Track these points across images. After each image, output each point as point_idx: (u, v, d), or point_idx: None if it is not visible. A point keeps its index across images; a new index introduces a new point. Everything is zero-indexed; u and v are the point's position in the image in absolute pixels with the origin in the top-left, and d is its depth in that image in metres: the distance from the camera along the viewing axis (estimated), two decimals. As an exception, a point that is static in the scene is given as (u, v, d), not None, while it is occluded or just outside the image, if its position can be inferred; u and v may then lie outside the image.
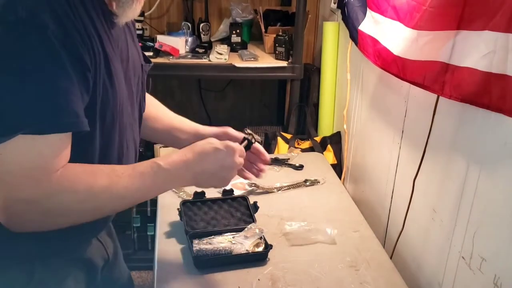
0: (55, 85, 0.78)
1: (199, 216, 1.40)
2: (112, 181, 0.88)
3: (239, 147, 1.05)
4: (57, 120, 0.78)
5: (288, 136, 2.25)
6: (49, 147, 0.79)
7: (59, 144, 0.81)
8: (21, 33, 0.75)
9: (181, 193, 1.57)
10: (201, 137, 1.13)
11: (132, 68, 1.02)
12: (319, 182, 1.69)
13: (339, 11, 2.04)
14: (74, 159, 0.86)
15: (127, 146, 1.01)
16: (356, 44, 1.70)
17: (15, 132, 0.76)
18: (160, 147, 2.30)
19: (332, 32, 2.18)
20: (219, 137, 1.10)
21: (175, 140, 1.23)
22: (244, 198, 1.48)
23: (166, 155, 0.97)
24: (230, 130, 1.17)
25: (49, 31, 0.76)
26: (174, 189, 1.59)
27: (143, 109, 1.13)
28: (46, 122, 0.77)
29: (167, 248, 1.32)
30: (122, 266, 1.29)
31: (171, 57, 2.25)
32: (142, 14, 2.41)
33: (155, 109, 1.24)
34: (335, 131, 2.25)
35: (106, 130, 0.92)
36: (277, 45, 2.31)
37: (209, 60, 2.26)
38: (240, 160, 1.03)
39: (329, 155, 2.10)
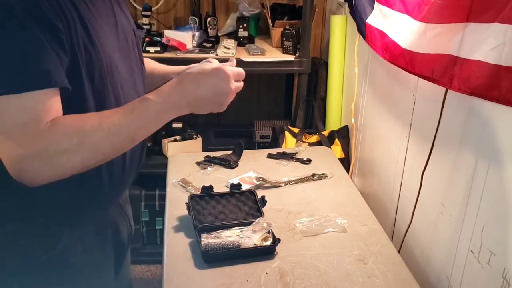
0: (24, 47, 0.83)
1: (207, 210, 1.40)
2: (101, 120, 0.90)
3: (235, 71, 1.03)
4: (29, 79, 0.84)
5: (296, 130, 2.25)
6: (36, 103, 0.85)
7: (46, 99, 0.86)
8: None
9: (189, 188, 1.58)
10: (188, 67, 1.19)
11: (122, 34, 1.07)
12: (326, 176, 1.69)
13: (347, 4, 2.03)
14: None
15: None
16: (363, 37, 1.69)
17: None
18: (168, 142, 2.31)
19: (340, 26, 2.17)
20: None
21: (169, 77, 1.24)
22: (252, 192, 1.48)
23: (157, 89, 0.98)
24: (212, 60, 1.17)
25: None
26: (182, 184, 1.60)
27: (144, 73, 1.17)
28: (20, 83, 0.83)
29: (175, 242, 1.33)
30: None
31: (179, 51, 2.26)
32: (149, 9, 2.41)
33: (147, 64, 1.29)
34: (342, 125, 2.24)
35: (97, 91, 0.96)
36: (284, 39, 2.31)
37: (216, 55, 2.26)
38: (236, 84, 1.02)
39: (337, 149, 2.09)
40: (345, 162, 2.07)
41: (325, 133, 2.22)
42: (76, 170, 0.91)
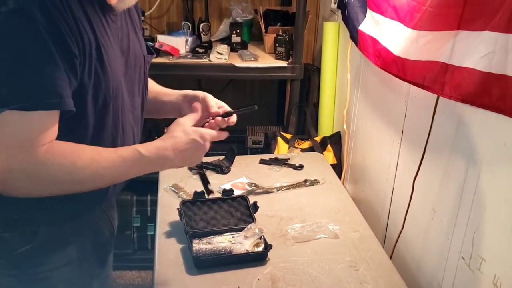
0: (42, 69, 0.86)
1: (199, 216, 1.40)
2: (94, 160, 0.96)
3: (212, 135, 1.10)
4: (42, 100, 0.87)
5: (288, 136, 2.25)
6: (37, 123, 0.88)
7: (47, 121, 0.90)
8: (11, 23, 0.84)
9: (181, 193, 1.57)
10: (182, 98, 1.24)
11: (133, 58, 1.11)
12: (319, 182, 1.70)
13: (339, 11, 2.04)
14: (66, 137, 0.94)
15: (123, 130, 1.08)
16: (356, 44, 1.70)
17: (2, 107, 0.85)
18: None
19: (332, 32, 2.18)
20: (198, 99, 1.20)
21: (161, 105, 1.28)
22: (244, 198, 1.48)
23: (147, 143, 1.04)
24: (208, 98, 1.21)
25: (37, 22, 0.84)
26: (174, 189, 1.60)
27: (145, 97, 1.20)
28: (32, 101, 0.86)
29: (167, 248, 1.32)
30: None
31: (171, 57, 2.25)
32: (142, 14, 2.41)
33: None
34: (335, 131, 2.25)
35: (98, 112, 1.00)
36: (277, 45, 2.31)
37: (209, 60, 2.26)
38: (209, 144, 1.10)
39: (329, 155, 2.10)
40: (337, 168, 2.08)
41: (318, 139, 2.22)
42: (53, 194, 0.96)
